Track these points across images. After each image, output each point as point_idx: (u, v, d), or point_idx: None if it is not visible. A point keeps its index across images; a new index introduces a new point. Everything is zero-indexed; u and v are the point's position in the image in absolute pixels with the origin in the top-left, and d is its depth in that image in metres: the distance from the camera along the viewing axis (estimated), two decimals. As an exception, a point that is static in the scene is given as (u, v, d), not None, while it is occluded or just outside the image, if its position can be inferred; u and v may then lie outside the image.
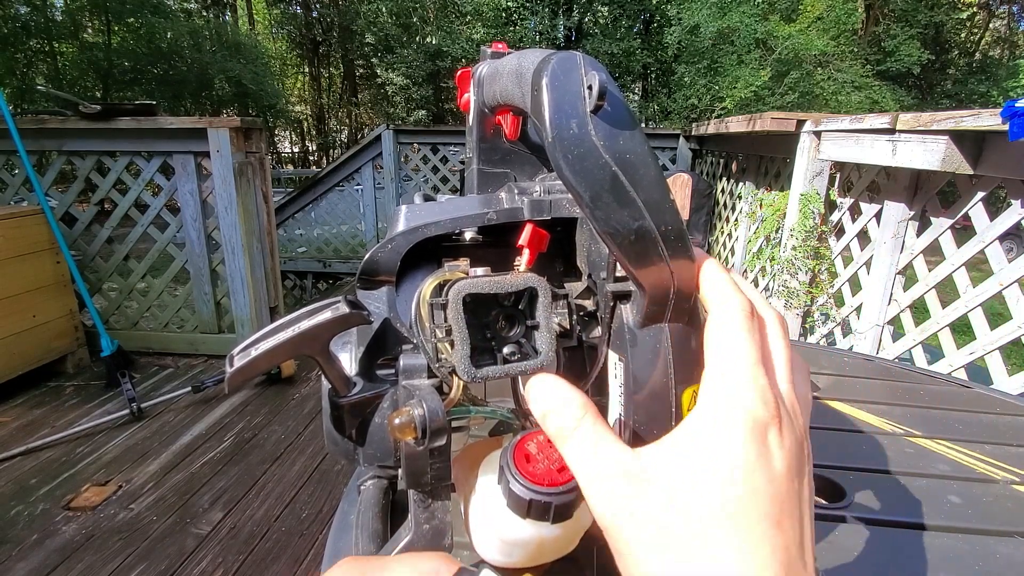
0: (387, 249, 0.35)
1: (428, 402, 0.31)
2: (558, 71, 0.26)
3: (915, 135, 1.88)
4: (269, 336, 0.33)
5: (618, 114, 0.26)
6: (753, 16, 9.45)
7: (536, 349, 0.32)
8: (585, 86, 0.25)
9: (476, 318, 0.31)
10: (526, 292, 0.31)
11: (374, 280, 0.37)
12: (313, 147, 19.87)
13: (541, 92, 0.26)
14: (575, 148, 0.25)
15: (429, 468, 0.35)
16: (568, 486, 0.30)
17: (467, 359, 0.30)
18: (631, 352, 0.30)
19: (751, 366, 0.25)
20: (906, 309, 2.20)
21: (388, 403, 0.37)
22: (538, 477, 0.30)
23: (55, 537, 1.74)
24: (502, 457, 0.32)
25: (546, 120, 0.26)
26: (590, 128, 0.25)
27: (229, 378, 0.31)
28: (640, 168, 0.26)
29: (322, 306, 0.33)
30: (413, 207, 0.36)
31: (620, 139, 0.26)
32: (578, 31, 13.37)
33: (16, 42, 9.42)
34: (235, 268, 2.91)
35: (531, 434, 0.33)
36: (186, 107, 12.14)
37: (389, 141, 4.98)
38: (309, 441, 2.32)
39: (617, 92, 0.27)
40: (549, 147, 0.26)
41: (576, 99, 0.25)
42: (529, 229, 0.32)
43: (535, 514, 0.30)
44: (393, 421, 0.31)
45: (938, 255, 2.04)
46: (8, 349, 2.55)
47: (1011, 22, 16.80)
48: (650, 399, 0.30)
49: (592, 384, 0.38)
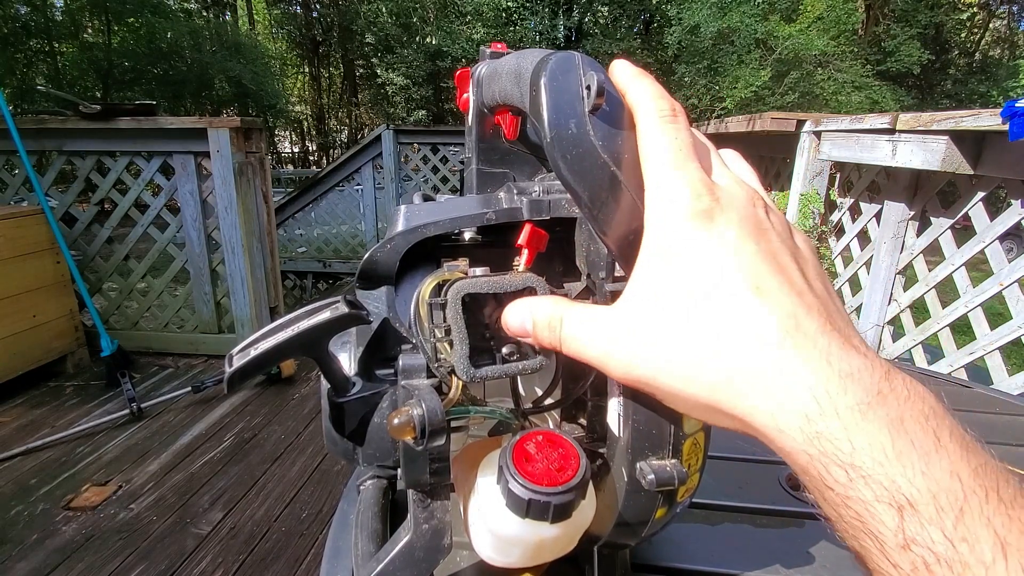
0: (386, 249, 0.35)
1: (427, 402, 0.31)
2: (556, 71, 0.26)
3: (915, 135, 1.88)
4: (268, 336, 0.33)
5: (617, 114, 0.26)
6: (753, 16, 9.44)
7: (533, 348, 0.32)
8: (583, 86, 0.25)
9: (475, 318, 0.31)
10: (524, 292, 0.31)
11: (373, 280, 0.36)
12: (313, 147, 19.87)
13: (539, 92, 0.26)
14: (574, 148, 0.25)
15: (428, 468, 0.34)
16: (567, 485, 0.30)
17: (466, 359, 0.30)
18: None
19: (674, 161, 0.25)
20: (906, 309, 2.20)
21: (387, 403, 0.37)
22: (537, 477, 0.31)
23: (55, 537, 1.74)
24: (501, 457, 0.32)
25: (544, 120, 0.25)
26: (588, 128, 0.25)
27: (228, 378, 0.31)
28: (640, 168, 0.26)
29: (321, 306, 0.33)
30: (412, 207, 0.36)
31: (619, 139, 0.26)
32: (578, 31, 13.36)
33: (16, 42, 9.41)
34: (235, 268, 2.91)
35: (530, 434, 0.33)
36: (186, 107, 12.13)
37: (389, 141, 4.98)
38: (309, 441, 2.32)
39: (616, 92, 0.27)
40: (547, 147, 0.25)
41: (574, 99, 0.25)
42: (528, 229, 0.32)
43: (534, 514, 0.30)
44: (392, 421, 0.31)
45: (938, 255, 2.04)
46: (8, 349, 2.55)
47: (1011, 22, 16.80)
48: (651, 402, 0.30)
49: (591, 385, 0.38)
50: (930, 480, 0.19)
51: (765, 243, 0.24)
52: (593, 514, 0.35)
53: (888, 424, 0.19)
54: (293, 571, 1.64)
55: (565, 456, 0.32)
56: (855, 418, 0.20)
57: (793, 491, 0.76)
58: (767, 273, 0.22)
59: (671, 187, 0.24)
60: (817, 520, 0.22)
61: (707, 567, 0.59)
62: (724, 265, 0.22)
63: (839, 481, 0.19)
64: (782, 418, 0.20)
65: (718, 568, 0.59)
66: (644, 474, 0.31)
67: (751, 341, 0.21)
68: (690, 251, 0.23)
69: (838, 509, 0.20)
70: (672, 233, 0.24)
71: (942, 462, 0.19)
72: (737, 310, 0.22)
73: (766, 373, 0.21)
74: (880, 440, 0.19)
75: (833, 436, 0.19)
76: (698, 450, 0.33)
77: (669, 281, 0.23)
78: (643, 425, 0.31)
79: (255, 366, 0.32)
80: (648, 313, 0.24)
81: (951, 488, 0.18)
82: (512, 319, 0.29)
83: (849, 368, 0.20)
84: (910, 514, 0.18)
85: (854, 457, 0.19)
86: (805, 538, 0.65)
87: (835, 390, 0.20)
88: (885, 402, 0.20)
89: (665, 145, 0.25)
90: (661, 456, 0.32)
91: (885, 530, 0.19)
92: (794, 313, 0.22)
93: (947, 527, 0.18)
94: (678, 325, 0.23)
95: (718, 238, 0.23)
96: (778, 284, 0.22)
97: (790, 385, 0.20)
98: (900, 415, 0.20)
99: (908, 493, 0.18)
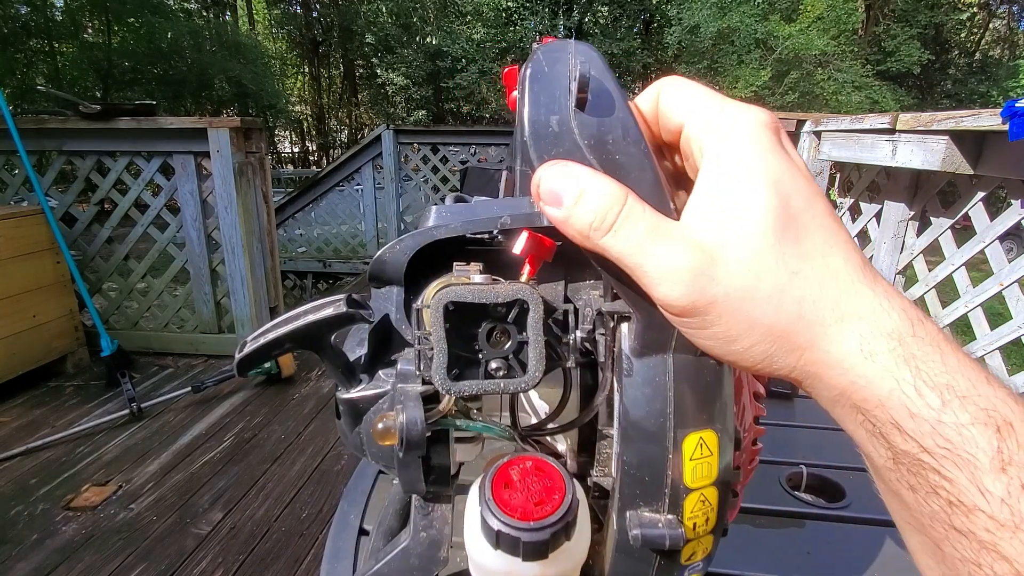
0: (395, 250, 0.34)
1: (409, 411, 0.30)
2: (543, 61, 0.24)
3: (915, 135, 1.87)
4: (275, 328, 0.33)
5: (607, 107, 0.23)
6: (753, 16, 9.45)
7: (525, 366, 0.29)
8: (573, 78, 0.23)
9: (464, 328, 0.28)
10: (512, 304, 0.28)
11: (381, 280, 0.36)
12: (313, 147, 19.86)
13: (523, 84, 0.24)
14: (554, 148, 0.23)
15: (425, 476, 0.33)
16: (541, 523, 0.28)
17: (443, 369, 0.28)
18: (624, 383, 0.27)
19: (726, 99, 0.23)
20: (906, 309, 2.20)
21: (387, 404, 0.37)
22: (511, 508, 0.28)
23: (55, 537, 1.74)
24: (481, 478, 0.30)
25: (524, 116, 0.23)
26: (573, 126, 0.23)
27: (238, 362, 0.33)
28: (633, 172, 0.23)
29: (325, 303, 0.34)
30: (441, 207, 0.34)
31: (610, 137, 0.23)
32: (578, 31, 13.37)
33: (16, 42, 9.41)
34: (235, 268, 2.91)
35: (519, 459, 0.31)
36: (186, 107, 12.14)
37: (389, 141, 4.98)
38: (309, 441, 2.32)
39: (610, 82, 0.24)
40: (523, 146, 0.23)
41: (561, 93, 0.23)
42: (525, 237, 0.28)
43: (505, 547, 0.28)
44: (376, 426, 0.30)
45: (938, 255, 2.04)
46: (8, 349, 2.55)
47: (1011, 22, 16.79)
48: (643, 443, 0.27)
49: (602, 410, 0.36)
50: (1020, 403, 0.18)
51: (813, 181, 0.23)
52: (582, 560, 0.32)
53: (962, 352, 0.19)
54: (293, 571, 1.64)
55: (549, 489, 0.29)
56: (946, 342, 0.19)
57: (793, 491, 0.76)
58: (830, 211, 0.22)
59: (737, 110, 0.23)
60: (817, 520, 0.21)
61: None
62: (807, 191, 0.22)
63: (930, 405, 0.18)
64: (873, 341, 0.20)
65: (718, 568, 0.59)
66: (631, 527, 0.27)
67: (841, 266, 0.21)
68: (773, 170, 0.21)
69: (922, 440, 0.19)
70: (749, 151, 0.22)
71: (1007, 389, 0.19)
72: (827, 235, 0.21)
73: (858, 295, 0.20)
74: (970, 364, 0.19)
75: (928, 357, 0.19)
76: (708, 509, 0.28)
77: (752, 199, 0.21)
78: (634, 469, 0.27)
79: (260, 354, 0.33)
80: (727, 228, 0.21)
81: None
82: (550, 183, 0.23)
83: (910, 304, 0.21)
84: (1008, 433, 0.18)
85: (950, 378, 0.19)
86: (805, 538, 0.65)
87: (919, 317, 0.20)
88: (947, 334, 0.20)
89: (708, 93, 0.24)
90: (655, 509, 0.27)
91: (980, 454, 0.18)
92: (858, 248, 0.22)
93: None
94: (767, 243, 0.21)
95: (794, 162, 0.22)
96: (837, 221, 0.22)
97: (881, 308, 0.20)
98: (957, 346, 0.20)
99: (1004, 414, 0.18)
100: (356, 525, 0.64)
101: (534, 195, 0.24)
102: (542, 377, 0.29)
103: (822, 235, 0.21)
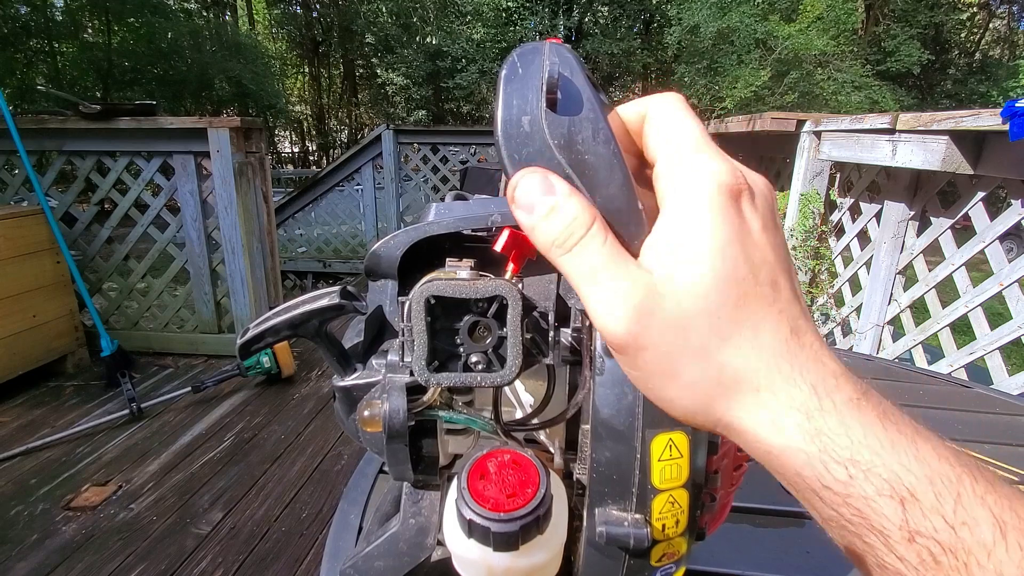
0: (389, 244, 0.36)
1: (392, 401, 0.31)
2: (517, 62, 0.24)
3: (915, 135, 1.88)
4: (275, 316, 0.36)
5: (578, 107, 0.24)
6: (753, 16, 9.45)
7: (503, 360, 0.29)
8: (545, 79, 0.23)
9: (446, 322, 0.29)
10: (491, 300, 0.28)
11: (375, 274, 0.37)
12: (313, 147, 19.86)
13: (497, 85, 0.24)
14: (524, 148, 0.23)
15: (414, 465, 0.35)
16: (512, 515, 0.28)
17: (422, 361, 0.28)
18: (596, 381, 0.28)
19: (703, 141, 0.23)
20: (906, 309, 2.20)
21: (378, 393, 0.37)
22: (484, 498, 0.29)
23: (55, 537, 1.74)
24: (459, 468, 0.31)
25: (497, 116, 0.23)
26: (543, 125, 0.23)
27: (240, 345, 0.36)
28: (602, 171, 0.23)
29: (320, 294, 0.36)
30: (440, 205, 0.36)
31: (580, 137, 0.23)
32: (578, 31, 13.37)
33: (16, 42, 9.41)
34: (235, 268, 2.91)
35: (497, 452, 0.32)
36: (186, 107, 12.14)
37: (389, 141, 4.98)
38: (309, 441, 2.32)
39: (583, 83, 0.24)
40: (496, 146, 0.24)
41: (534, 94, 0.23)
42: (506, 234, 0.29)
43: (476, 536, 0.29)
44: (362, 412, 0.31)
45: (938, 255, 2.04)
46: (8, 349, 2.55)
47: (1011, 22, 16.79)
48: (612, 441, 0.27)
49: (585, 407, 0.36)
50: (924, 466, 0.19)
51: (780, 238, 0.23)
52: (558, 553, 0.32)
53: (879, 415, 0.20)
54: (293, 571, 1.64)
55: (523, 482, 0.30)
56: (852, 412, 0.20)
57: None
58: (782, 271, 0.22)
59: (702, 163, 0.23)
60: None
61: (707, 567, 0.58)
62: (756, 259, 0.22)
63: (838, 479, 0.19)
64: (782, 416, 0.20)
65: (718, 568, 0.59)
66: (598, 523, 0.27)
67: (768, 338, 0.21)
68: (721, 237, 0.21)
69: (837, 509, 0.20)
70: (702, 215, 0.22)
71: (926, 445, 0.19)
72: (762, 304, 0.21)
73: (772, 371, 0.21)
74: (875, 432, 0.19)
75: (833, 432, 0.20)
76: (678, 511, 0.28)
77: (697, 263, 0.22)
78: (603, 466, 0.28)
79: (260, 339, 0.35)
80: (670, 284, 0.22)
81: (943, 472, 0.19)
82: (525, 192, 0.23)
83: (836, 367, 0.21)
84: (912, 504, 0.18)
85: (853, 451, 0.19)
86: (805, 538, 0.65)
87: (831, 387, 0.20)
88: (870, 395, 0.20)
89: (689, 128, 0.24)
90: (623, 507, 0.28)
91: (889, 524, 0.18)
92: (800, 314, 0.22)
93: (947, 513, 0.18)
94: (700, 306, 0.21)
95: (750, 223, 0.22)
96: (788, 282, 0.22)
97: (793, 383, 0.20)
98: (883, 406, 0.20)
99: (908, 483, 0.18)
100: (356, 525, 0.64)
101: (509, 197, 0.24)
102: (520, 372, 0.29)
103: (758, 304, 0.21)
